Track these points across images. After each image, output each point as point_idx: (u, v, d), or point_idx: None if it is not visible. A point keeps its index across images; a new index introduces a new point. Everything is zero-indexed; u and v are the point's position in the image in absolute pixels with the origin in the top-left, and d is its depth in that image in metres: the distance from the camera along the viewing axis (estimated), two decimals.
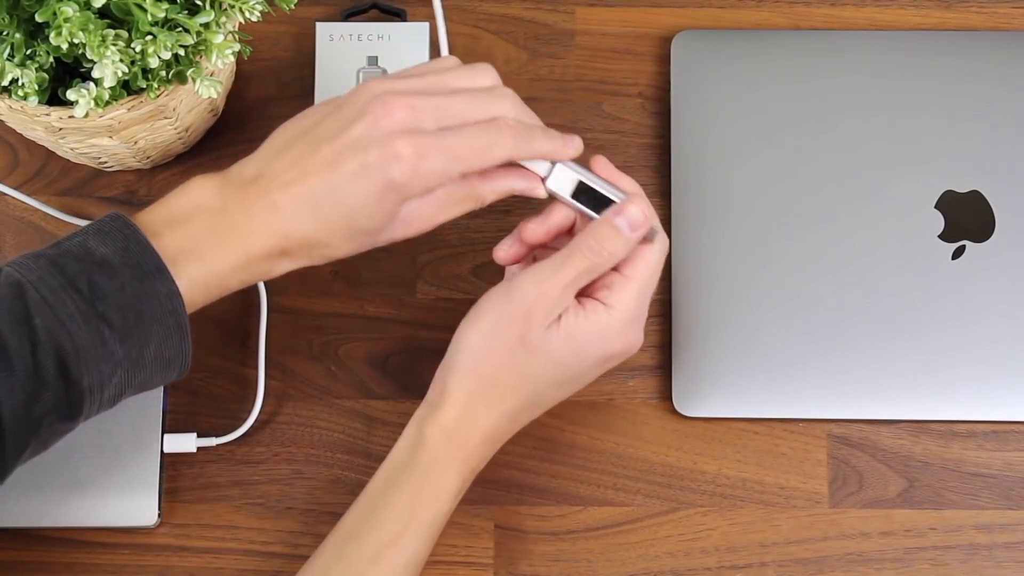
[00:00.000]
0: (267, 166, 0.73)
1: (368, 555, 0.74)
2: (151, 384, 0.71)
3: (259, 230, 0.72)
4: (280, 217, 0.72)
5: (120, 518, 0.83)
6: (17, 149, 0.89)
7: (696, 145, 0.88)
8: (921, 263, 0.85)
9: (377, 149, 0.71)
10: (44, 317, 0.66)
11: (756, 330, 0.85)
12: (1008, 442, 0.85)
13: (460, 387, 0.76)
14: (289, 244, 0.72)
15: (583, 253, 0.75)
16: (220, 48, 0.76)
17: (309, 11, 0.90)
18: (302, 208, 0.72)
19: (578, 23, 0.91)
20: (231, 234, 0.71)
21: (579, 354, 0.76)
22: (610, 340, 0.76)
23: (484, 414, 0.76)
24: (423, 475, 0.75)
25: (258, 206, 0.72)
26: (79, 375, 0.67)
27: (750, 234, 0.86)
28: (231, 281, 0.72)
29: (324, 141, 0.72)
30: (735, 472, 0.85)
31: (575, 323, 0.75)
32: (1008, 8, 0.91)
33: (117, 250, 0.68)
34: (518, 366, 0.75)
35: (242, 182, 0.72)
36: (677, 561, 0.83)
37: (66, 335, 0.66)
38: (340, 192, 0.72)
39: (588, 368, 0.77)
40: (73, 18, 0.71)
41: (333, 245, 0.74)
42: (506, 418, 0.77)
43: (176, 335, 0.70)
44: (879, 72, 0.89)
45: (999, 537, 0.83)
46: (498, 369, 0.75)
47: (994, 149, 0.87)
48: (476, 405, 0.76)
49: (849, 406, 0.84)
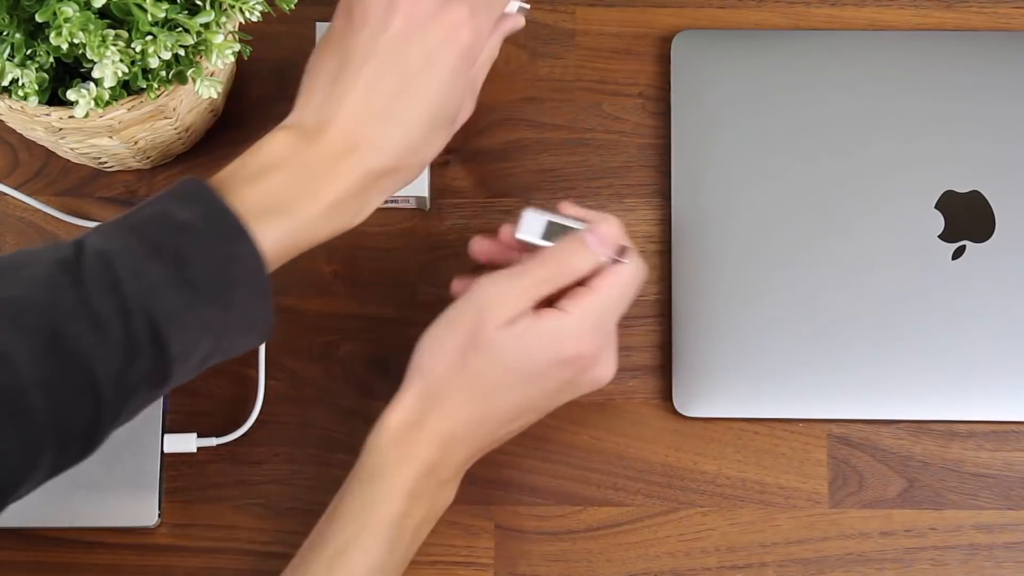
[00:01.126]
0: (328, 107, 0.72)
1: (323, 562, 0.74)
2: (236, 349, 0.70)
3: (344, 173, 0.71)
4: (362, 154, 0.71)
5: (120, 518, 0.83)
6: (17, 149, 0.89)
7: (696, 145, 0.88)
8: (921, 263, 0.85)
9: (434, 28, 0.71)
10: (133, 285, 0.65)
11: (756, 330, 0.85)
12: (1008, 442, 0.85)
13: (409, 386, 0.75)
14: (377, 175, 0.72)
15: (545, 262, 0.75)
16: (220, 48, 0.76)
17: (309, 11, 0.90)
18: (382, 133, 0.72)
19: (578, 23, 0.91)
20: (315, 183, 0.71)
21: (528, 356, 0.74)
22: (562, 344, 0.74)
23: (434, 415, 0.75)
24: (370, 477, 0.75)
25: (337, 149, 0.71)
26: (168, 341, 0.66)
27: (750, 234, 0.86)
28: (321, 231, 0.72)
29: (370, 55, 0.72)
30: (735, 472, 0.85)
31: (527, 325, 0.74)
32: (1008, 8, 0.91)
33: (199, 215, 0.68)
34: (467, 366, 0.74)
35: (315, 130, 0.72)
36: (677, 561, 0.83)
37: (156, 302, 0.65)
38: (418, 93, 0.72)
39: (541, 373, 0.75)
40: (73, 18, 0.71)
41: (422, 150, 0.73)
42: (461, 424, 0.75)
43: (260, 298, 0.69)
44: (879, 72, 0.89)
45: (999, 537, 0.83)
46: (447, 368, 0.75)
47: (994, 149, 0.87)
48: (425, 404, 0.75)
49: (849, 406, 0.84)
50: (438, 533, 0.83)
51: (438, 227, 0.88)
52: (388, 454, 0.75)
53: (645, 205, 0.89)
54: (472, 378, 0.75)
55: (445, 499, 0.78)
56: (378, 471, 0.75)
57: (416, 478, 0.75)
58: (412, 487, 0.75)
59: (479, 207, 0.88)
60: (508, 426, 0.77)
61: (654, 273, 0.87)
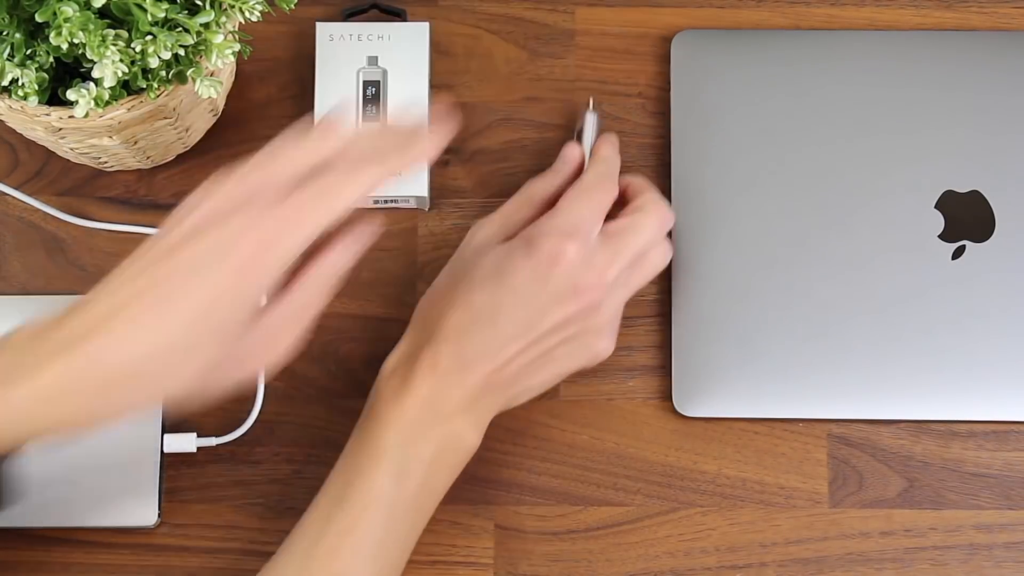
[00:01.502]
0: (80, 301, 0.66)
1: (332, 495, 0.75)
2: None
3: (57, 361, 0.65)
4: (93, 344, 0.64)
5: (120, 518, 0.83)
6: (17, 149, 0.89)
7: (696, 145, 0.88)
8: (921, 263, 0.85)
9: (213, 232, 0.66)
10: None
11: (756, 330, 0.85)
12: (1008, 442, 0.85)
13: (406, 332, 0.79)
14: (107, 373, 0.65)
15: (518, 192, 0.81)
16: (220, 48, 0.76)
17: (309, 11, 0.90)
18: (122, 329, 0.64)
19: (578, 23, 0.91)
20: (18, 369, 0.65)
21: (511, 264, 0.77)
22: (541, 247, 0.77)
23: (425, 348, 0.76)
24: (367, 417, 0.77)
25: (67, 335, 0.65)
26: None
27: (750, 234, 0.86)
28: (18, 422, 0.64)
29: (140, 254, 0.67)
30: (735, 472, 0.85)
31: (511, 241, 0.79)
32: (1008, 8, 0.91)
33: None
34: (455, 294, 0.77)
35: (58, 317, 0.66)
36: (677, 561, 0.83)
37: None
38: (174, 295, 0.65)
39: (528, 286, 0.76)
40: (73, 18, 0.71)
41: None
42: (452, 349, 0.76)
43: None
44: (879, 72, 0.89)
45: (999, 537, 0.83)
46: (437, 302, 0.78)
47: (994, 149, 0.87)
48: (417, 340, 0.78)
49: (849, 406, 0.84)
50: (438, 533, 0.83)
51: (438, 227, 0.88)
52: (383, 392, 0.77)
53: None
54: (460, 303, 0.77)
55: (460, 438, 0.77)
56: (374, 410, 0.76)
57: (412, 410, 0.76)
58: (411, 418, 0.75)
59: (479, 207, 0.88)
60: (509, 353, 0.77)
61: None
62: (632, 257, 0.80)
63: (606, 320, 0.80)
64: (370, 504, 0.75)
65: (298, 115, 0.89)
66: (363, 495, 0.75)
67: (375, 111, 0.87)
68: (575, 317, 0.78)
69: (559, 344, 0.78)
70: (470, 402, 0.77)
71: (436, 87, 0.90)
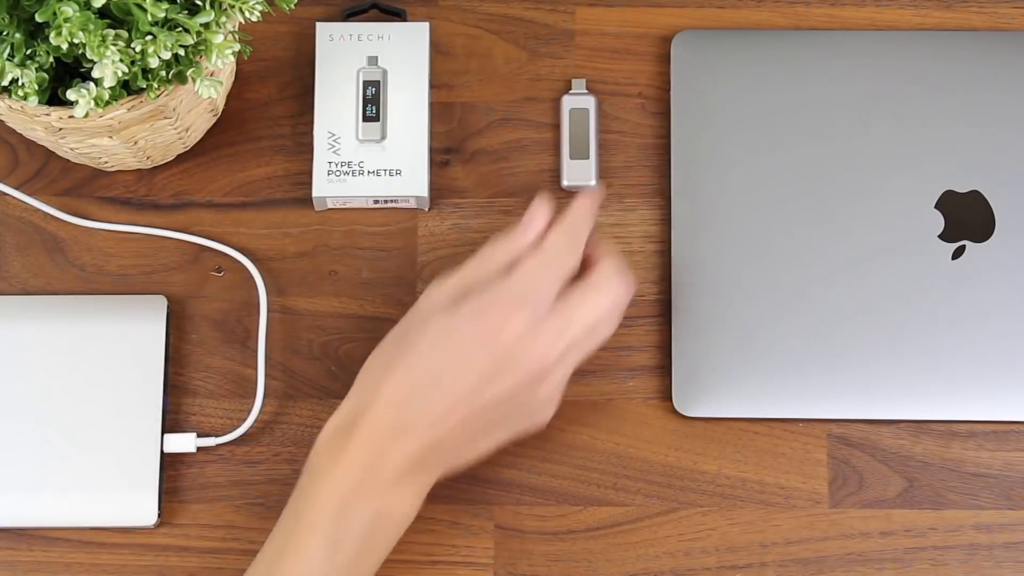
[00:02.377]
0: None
1: (264, 562, 0.74)
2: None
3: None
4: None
5: (120, 518, 0.83)
6: (17, 149, 0.89)
7: (696, 145, 0.88)
8: (921, 263, 0.85)
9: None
10: None
11: (756, 330, 0.85)
12: (1008, 442, 0.85)
13: (349, 393, 0.78)
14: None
15: (472, 257, 0.78)
16: (220, 48, 0.76)
17: (309, 11, 0.90)
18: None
19: (578, 23, 0.91)
20: None
21: (456, 330, 0.75)
22: (485, 313, 0.75)
23: (365, 413, 0.75)
24: (306, 479, 0.76)
25: None
26: None
27: (750, 234, 0.86)
28: None
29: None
30: (735, 472, 0.85)
31: (457, 305, 0.76)
32: (1008, 8, 0.91)
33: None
34: (399, 358, 0.76)
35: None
36: (677, 561, 0.83)
37: None
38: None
39: (469, 351, 0.75)
40: (73, 18, 0.71)
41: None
42: (391, 416, 0.75)
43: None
44: (879, 72, 0.89)
45: (999, 537, 0.83)
46: (380, 366, 0.77)
47: (994, 149, 0.87)
48: (358, 403, 0.76)
49: (849, 406, 0.84)
50: (438, 533, 0.83)
51: (438, 227, 0.88)
52: (320, 458, 0.75)
53: (645, 205, 0.89)
54: (403, 368, 0.75)
55: (396, 508, 0.76)
56: (311, 477, 0.75)
57: (348, 480, 0.74)
58: (346, 489, 0.74)
59: (479, 207, 0.88)
60: (450, 422, 0.75)
61: (654, 273, 0.87)
62: (582, 332, 0.77)
63: (549, 392, 0.78)
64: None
65: (298, 115, 0.90)
66: (295, 568, 0.74)
67: (375, 111, 0.87)
68: (518, 388, 0.76)
69: (501, 415, 0.77)
70: (408, 471, 0.75)
71: (436, 87, 0.90)
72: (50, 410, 0.83)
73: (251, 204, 0.89)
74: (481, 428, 0.77)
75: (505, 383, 0.75)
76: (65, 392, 0.84)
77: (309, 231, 0.88)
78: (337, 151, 0.87)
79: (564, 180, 0.88)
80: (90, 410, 0.83)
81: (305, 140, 0.89)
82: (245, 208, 0.89)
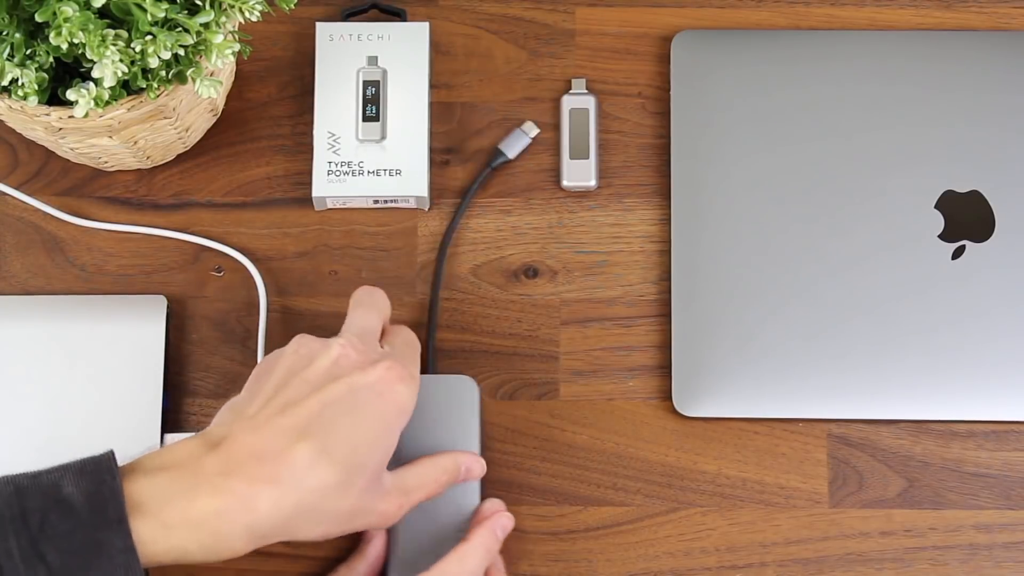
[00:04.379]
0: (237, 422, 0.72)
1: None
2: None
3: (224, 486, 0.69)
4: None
5: None
6: (17, 149, 0.89)
7: (696, 145, 0.88)
8: (921, 263, 0.85)
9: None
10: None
11: (756, 330, 0.85)
12: (1008, 442, 0.85)
13: None
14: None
15: None
16: (220, 48, 0.76)
17: (309, 11, 0.90)
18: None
19: (578, 23, 0.91)
20: (192, 491, 0.69)
21: None
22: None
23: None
24: None
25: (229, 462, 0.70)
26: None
27: (750, 234, 0.86)
28: (188, 544, 0.68)
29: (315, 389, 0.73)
30: (735, 472, 0.85)
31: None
32: (1008, 8, 0.91)
33: (85, 492, 0.67)
34: None
35: (218, 440, 0.71)
36: (677, 561, 0.83)
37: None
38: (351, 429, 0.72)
39: None
40: (73, 18, 0.71)
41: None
42: None
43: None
44: (879, 72, 0.89)
45: (999, 537, 0.83)
46: None
47: (994, 149, 0.87)
48: None
49: (849, 406, 0.84)
50: None
51: (438, 227, 0.88)
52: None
53: (645, 205, 0.89)
54: None
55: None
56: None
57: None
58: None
59: (479, 207, 0.88)
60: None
61: (654, 273, 0.87)
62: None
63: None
64: None
65: (298, 115, 0.90)
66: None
67: (375, 111, 0.88)
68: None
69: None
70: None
71: (436, 87, 0.90)
72: (50, 410, 0.83)
73: (251, 204, 0.89)
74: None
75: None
76: (65, 392, 0.84)
77: (309, 231, 0.88)
78: (337, 151, 0.87)
79: (564, 180, 0.88)
80: (90, 410, 0.83)
81: (305, 140, 0.89)
82: (245, 208, 0.89)
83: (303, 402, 0.72)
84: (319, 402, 0.72)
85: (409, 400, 0.74)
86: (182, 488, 0.69)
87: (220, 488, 0.69)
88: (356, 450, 0.72)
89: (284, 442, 0.70)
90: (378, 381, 0.73)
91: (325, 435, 0.71)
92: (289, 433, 0.70)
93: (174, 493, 0.69)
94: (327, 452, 0.70)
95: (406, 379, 0.74)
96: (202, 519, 0.68)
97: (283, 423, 0.71)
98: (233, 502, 0.69)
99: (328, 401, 0.72)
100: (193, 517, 0.68)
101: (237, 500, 0.69)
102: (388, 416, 0.74)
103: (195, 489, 0.69)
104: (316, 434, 0.71)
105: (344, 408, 0.72)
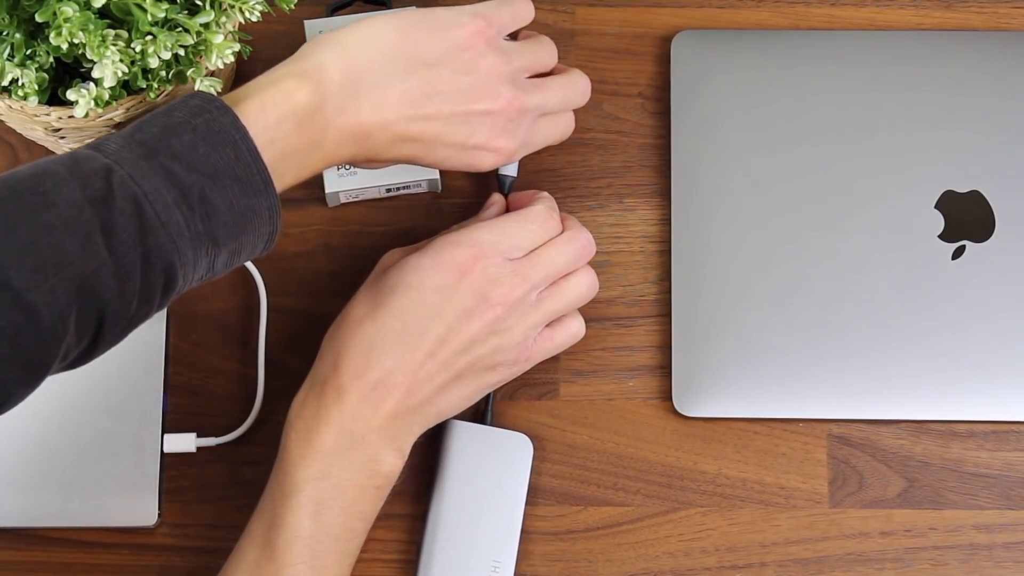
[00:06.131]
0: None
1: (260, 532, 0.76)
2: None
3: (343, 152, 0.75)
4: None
5: (120, 518, 0.83)
6: (17, 149, 0.89)
7: (696, 145, 0.88)
8: (921, 263, 0.85)
9: None
10: (158, 237, 0.66)
11: (756, 330, 0.85)
12: (1008, 442, 0.85)
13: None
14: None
15: None
16: (220, 48, 0.76)
17: (309, 11, 0.90)
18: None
19: (578, 23, 0.91)
20: (321, 148, 0.73)
21: (408, 268, 0.78)
22: (443, 249, 0.78)
23: (329, 378, 0.77)
24: (281, 450, 0.77)
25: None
26: (177, 287, 0.68)
27: (750, 234, 0.86)
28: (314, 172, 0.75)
29: None
30: (735, 472, 0.85)
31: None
32: (1008, 8, 0.91)
33: (228, 160, 0.68)
34: (354, 303, 0.79)
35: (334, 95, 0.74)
36: (677, 561, 0.83)
37: (176, 255, 0.67)
38: None
39: (423, 281, 0.78)
40: (73, 18, 0.71)
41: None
42: (350, 369, 0.77)
43: (267, 243, 0.71)
44: (879, 72, 0.89)
45: (999, 537, 0.83)
46: (339, 324, 0.80)
47: (994, 149, 0.87)
48: (321, 385, 0.78)
49: (849, 406, 0.84)
50: None
51: (438, 227, 0.88)
52: (294, 428, 0.77)
53: (645, 205, 0.89)
54: (363, 327, 0.77)
55: (378, 461, 0.76)
56: (286, 448, 0.77)
57: (322, 441, 0.76)
58: (321, 450, 0.76)
59: (479, 207, 0.88)
60: (420, 374, 0.77)
61: (654, 273, 0.87)
62: (543, 279, 0.79)
63: (516, 340, 0.78)
64: (293, 542, 0.74)
65: None
66: (284, 535, 0.74)
67: None
68: (487, 333, 0.77)
69: (473, 361, 0.77)
70: (384, 425, 0.76)
71: None
72: (50, 410, 0.83)
73: None
74: (454, 377, 0.77)
75: (472, 326, 0.77)
76: (65, 392, 0.84)
77: (309, 231, 0.88)
78: None
79: None
80: (90, 410, 0.83)
81: None
82: None
83: None
84: None
85: None
86: (313, 144, 0.74)
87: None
88: None
89: None
90: None
91: None
92: None
93: (307, 151, 0.73)
94: None
95: None
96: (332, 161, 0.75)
97: None
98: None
99: None
100: (325, 165, 0.75)
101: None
102: None
103: (322, 147, 0.74)
104: None
105: None
